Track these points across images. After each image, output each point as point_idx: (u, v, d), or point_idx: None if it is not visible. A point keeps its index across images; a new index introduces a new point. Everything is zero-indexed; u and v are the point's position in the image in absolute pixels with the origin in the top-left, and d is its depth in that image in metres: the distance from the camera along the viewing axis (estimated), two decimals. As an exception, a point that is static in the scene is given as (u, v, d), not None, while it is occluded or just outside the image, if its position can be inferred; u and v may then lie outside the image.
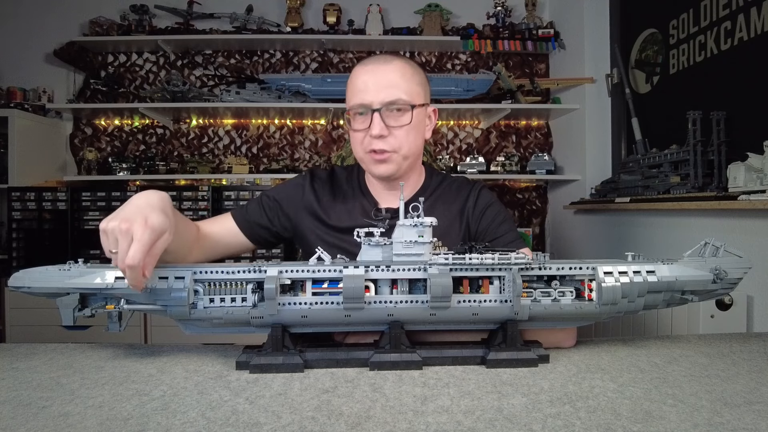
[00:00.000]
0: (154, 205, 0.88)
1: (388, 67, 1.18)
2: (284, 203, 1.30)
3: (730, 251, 0.99)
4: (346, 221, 1.25)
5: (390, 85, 1.16)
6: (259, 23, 3.39)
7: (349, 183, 1.33)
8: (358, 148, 1.22)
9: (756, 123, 1.90)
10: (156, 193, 0.93)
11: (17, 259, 2.88)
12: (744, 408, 0.73)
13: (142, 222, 0.83)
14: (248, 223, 1.28)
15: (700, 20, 2.23)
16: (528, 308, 0.92)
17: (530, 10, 3.46)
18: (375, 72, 1.17)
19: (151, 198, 0.91)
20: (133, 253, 0.80)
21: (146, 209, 0.86)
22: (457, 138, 3.61)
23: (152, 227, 0.83)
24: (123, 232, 0.82)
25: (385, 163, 1.19)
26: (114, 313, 0.89)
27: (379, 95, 1.15)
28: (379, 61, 1.20)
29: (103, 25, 3.31)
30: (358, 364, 0.91)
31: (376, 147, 1.17)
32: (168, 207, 0.92)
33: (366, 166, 1.24)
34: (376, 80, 1.16)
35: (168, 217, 0.89)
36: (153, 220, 0.84)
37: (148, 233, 0.82)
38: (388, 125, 1.16)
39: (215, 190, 3.00)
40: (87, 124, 3.50)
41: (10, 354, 1.01)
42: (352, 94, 1.19)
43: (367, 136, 1.17)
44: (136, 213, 0.85)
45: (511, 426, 0.67)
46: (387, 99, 1.15)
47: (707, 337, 1.15)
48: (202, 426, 0.67)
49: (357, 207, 1.28)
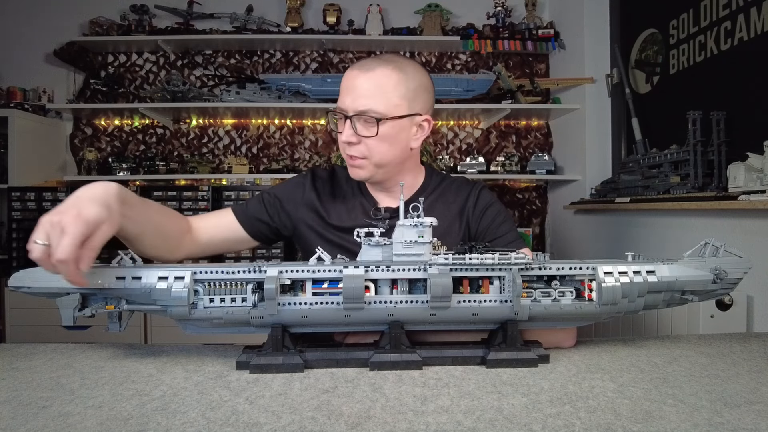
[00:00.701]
0: (95, 197, 0.86)
1: (367, 75, 1.16)
2: (285, 200, 1.31)
3: (730, 251, 0.99)
4: (346, 220, 1.26)
5: (364, 95, 1.15)
6: (259, 23, 3.39)
7: (349, 183, 1.33)
8: (341, 149, 1.24)
9: (756, 123, 1.90)
10: (102, 185, 0.91)
11: (17, 259, 2.88)
12: (744, 408, 0.73)
13: (75, 214, 0.81)
14: (249, 218, 1.28)
15: (700, 20, 2.23)
16: (528, 308, 0.92)
17: (530, 10, 3.46)
18: (355, 78, 1.17)
19: (94, 190, 0.89)
20: (62, 247, 0.78)
21: (83, 201, 0.84)
22: (457, 138, 3.61)
23: (85, 220, 0.81)
24: (54, 224, 0.79)
25: (358, 168, 1.21)
26: (114, 313, 0.89)
27: (354, 103, 1.16)
28: (364, 67, 1.18)
29: (103, 25, 3.31)
30: (358, 364, 0.91)
31: (348, 152, 1.20)
32: (112, 199, 0.90)
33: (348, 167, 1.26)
34: (353, 88, 1.17)
35: (109, 208, 0.87)
36: (87, 212, 0.82)
37: (80, 226, 0.80)
38: (358, 133, 1.16)
39: (215, 190, 3.00)
40: (87, 124, 3.50)
41: (10, 354, 1.01)
42: (340, 96, 1.21)
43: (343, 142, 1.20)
44: (71, 206, 0.83)
45: (511, 426, 0.67)
46: (359, 108, 1.15)
47: (707, 337, 1.15)
48: (202, 426, 0.67)
49: (357, 206, 1.29)
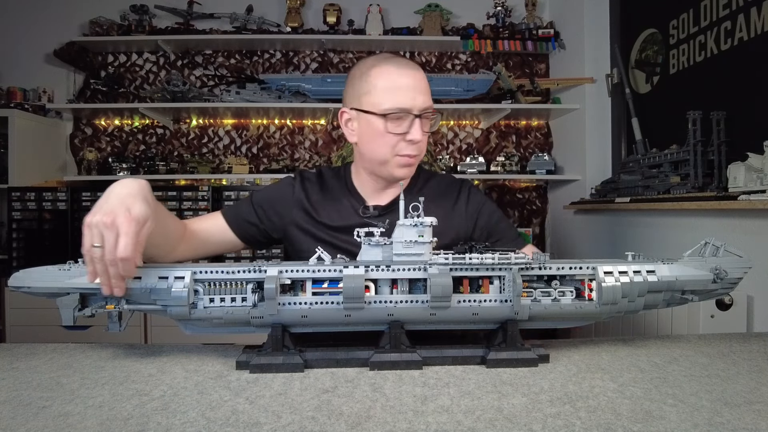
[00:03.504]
0: (135, 194, 0.88)
1: (420, 73, 1.18)
2: (275, 202, 1.31)
3: (730, 251, 0.99)
4: (337, 219, 1.26)
5: (425, 91, 1.18)
6: (259, 23, 3.39)
7: (337, 182, 1.34)
8: (386, 150, 1.18)
9: (756, 123, 1.90)
10: (135, 181, 0.93)
11: (17, 259, 2.88)
12: (744, 408, 0.73)
13: (126, 214, 0.83)
14: (238, 221, 1.29)
15: (700, 20, 2.23)
16: (528, 308, 0.92)
17: (530, 10, 3.46)
18: (413, 76, 1.17)
19: (131, 187, 0.90)
20: (123, 246, 0.81)
21: (128, 200, 0.86)
22: (457, 138, 3.61)
23: (136, 218, 0.84)
24: (108, 226, 0.82)
25: (410, 167, 1.22)
26: (114, 313, 0.89)
27: (418, 100, 1.16)
28: (410, 65, 1.19)
29: (103, 25, 3.31)
30: (358, 364, 0.91)
31: (411, 152, 1.18)
32: (149, 194, 0.93)
33: (388, 168, 1.21)
34: (415, 85, 1.16)
35: (149, 204, 0.90)
36: (136, 210, 0.85)
37: (133, 225, 0.83)
38: (423, 131, 1.17)
39: (215, 190, 2.99)
40: (87, 124, 3.50)
41: (10, 354, 1.01)
42: (387, 95, 1.15)
43: (402, 141, 1.17)
44: (119, 205, 0.85)
45: (511, 426, 0.67)
46: (425, 105, 1.17)
47: (707, 337, 1.15)
48: (202, 426, 0.67)
49: (346, 205, 1.29)
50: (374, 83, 1.17)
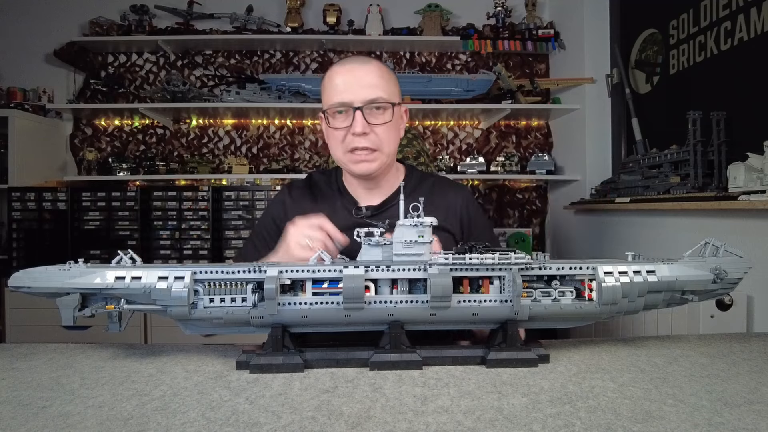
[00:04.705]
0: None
1: (367, 68, 1.20)
2: (276, 220, 1.32)
3: (730, 251, 0.99)
4: (332, 220, 1.25)
5: (370, 85, 1.19)
6: (259, 23, 3.39)
7: (329, 185, 1.35)
8: (338, 147, 1.23)
9: (756, 123, 1.90)
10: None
11: (17, 259, 2.89)
12: (744, 408, 0.73)
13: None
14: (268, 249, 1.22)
15: (700, 20, 2.23)
16: (528, 308, 0.92)
17: (530, 10, 3.46)
18: (355, 72, 1.19)
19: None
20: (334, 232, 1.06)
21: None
22: (457, 138, 3.61)
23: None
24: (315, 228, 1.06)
25: (366, 162, 1.21)
26: (114, 313, 0.89)
27: (360, 93, 1.17)
28: (357, 61, 1.22)
29: (103, 25, 3.31)
30: (358, 364, 0.91)
31: (359, 145, 1.19)
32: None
33: (346, 166, 1.25)
34: (356, 80, 1.18)
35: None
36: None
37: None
38: (369, 123, 1.18)
39: (215, 190, 2.99)
40: (87, 125, 3.50)
41: (10, 354, 1.01)
42: (331, 93, 1.21)
43: (349, 134, 1.19)
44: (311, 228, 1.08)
45: (511, 426, 0.67)
46: (368, 97, 1.18)
47: (707, 337, 1.15)
48: (202, 426, 0.67)
49: (338, 207, 1.30)
50: (325, 85, 1.23)
